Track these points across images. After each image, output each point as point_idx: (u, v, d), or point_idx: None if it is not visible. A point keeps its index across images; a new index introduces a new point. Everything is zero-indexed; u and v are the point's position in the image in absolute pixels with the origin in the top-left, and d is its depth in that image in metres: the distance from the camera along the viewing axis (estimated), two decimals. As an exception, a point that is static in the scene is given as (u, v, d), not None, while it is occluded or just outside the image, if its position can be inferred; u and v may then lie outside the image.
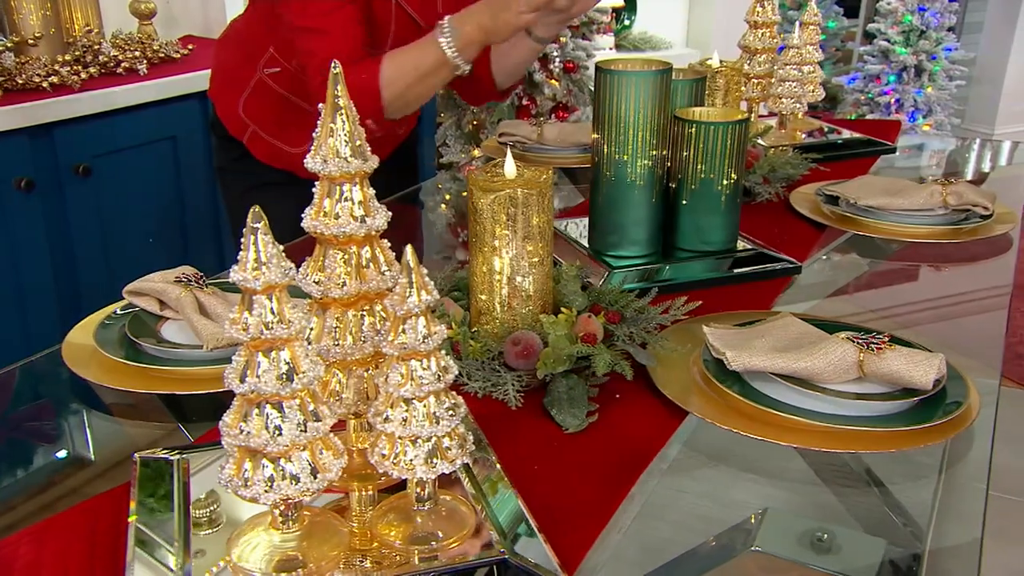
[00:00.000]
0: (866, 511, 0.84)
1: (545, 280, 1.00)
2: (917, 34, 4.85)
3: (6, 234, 1.98)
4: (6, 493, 0.84)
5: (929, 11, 4.86)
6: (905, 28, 4.85)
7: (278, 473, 0.63)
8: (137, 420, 0.99)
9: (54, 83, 2.08)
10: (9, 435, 0.97)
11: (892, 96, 4.90)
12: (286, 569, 0.66)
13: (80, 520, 0.74)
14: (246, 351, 0.62)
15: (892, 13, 4.91)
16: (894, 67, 4.89)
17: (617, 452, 0.86)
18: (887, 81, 4.92)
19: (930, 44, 4.84)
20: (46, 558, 0.68)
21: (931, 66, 4.87)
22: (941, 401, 0.92)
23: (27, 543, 0.70)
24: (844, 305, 1.26)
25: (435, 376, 0.66)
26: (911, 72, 4.86)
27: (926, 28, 4.85)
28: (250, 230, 0.60)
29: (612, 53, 4.17)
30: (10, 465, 0.90)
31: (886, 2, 4.94)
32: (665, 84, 1.20)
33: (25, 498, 0.83)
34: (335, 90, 0.69)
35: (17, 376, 1.06)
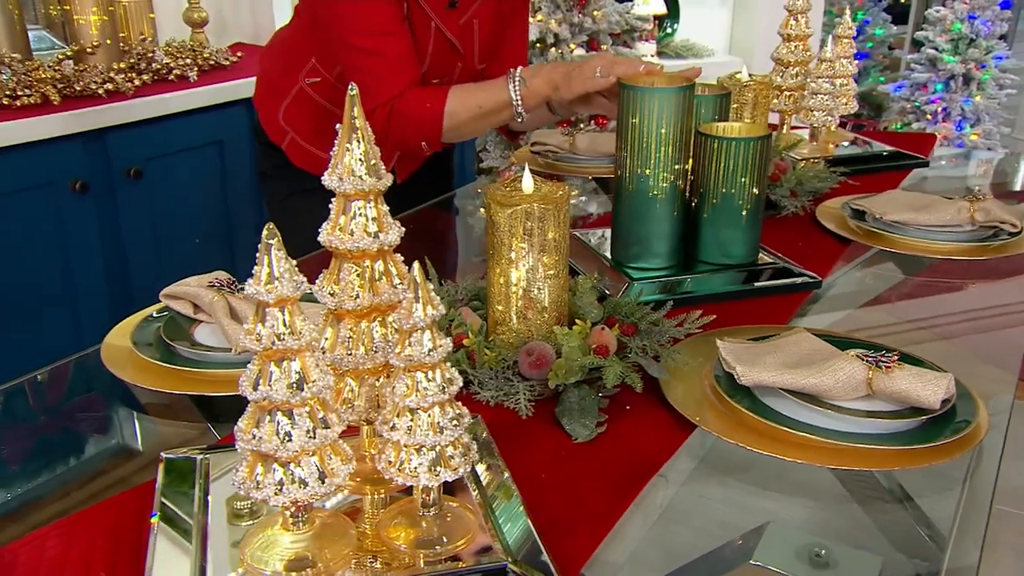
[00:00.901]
0: (892, 524, 0.85)
1: (560, 292, 1.01)
2: (966, 42, 4.76)
3: (61, 234, 2.05)
4: (41, 488, 0.88)
5: (980, 19, 4.76)
6: (954, 36, 4.76)
7: (287, 477, 0.65)
8: (170, 420, 1.02)
9: (109, 90, 2.15)
10: (48, 431, 1.01)
11: (939, 105, 4.82)
12: (296, 568, 0.69)
13: (106, 516, 0.77)
14: (259, 360, 0.65)
15: (941, 21, 4.82)
16: (941, 75, 4.80)
17: (623, 463, 0.87)
18: (934, 90, 4.84)
19: (980, 52, 4.75)
20: (72, 553, 0.72)
21: (980, 75, 4.78)
22: (950, 420, 0.92)
23: (54, 537, 0.74)
24: (865, 320, 1.25)
25: (440, 388, 0.68)
26: (959, 81, 4.77)
27: (976, 36, 4.75)
28: (264, 246, 0.63)
29: (655, 60, 4.16)
30: (46, 460, 0.95)
31: (935, 10, 4.85)
32: (687, 100, 1.20)
33: (61, 493, 0.87)
34: (352, 111, 0.71)
35: (58, 375, 1.10)
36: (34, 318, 2.01)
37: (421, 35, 1.50)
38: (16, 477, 0.91)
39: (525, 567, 0.70)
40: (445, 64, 1.56)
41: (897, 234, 1.43)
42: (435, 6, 1.48)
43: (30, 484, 0.89)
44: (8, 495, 0.86)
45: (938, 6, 4.87)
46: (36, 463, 0.94)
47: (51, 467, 0.93)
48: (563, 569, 0.72)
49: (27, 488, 0.88)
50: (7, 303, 1.96)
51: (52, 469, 0.93)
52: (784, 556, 0.76)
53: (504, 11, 1.60)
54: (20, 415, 1.05)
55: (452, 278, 1.17)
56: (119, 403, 1.04)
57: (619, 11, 3.49)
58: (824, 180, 1.59)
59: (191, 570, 0.69)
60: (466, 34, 1.55)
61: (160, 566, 0.69)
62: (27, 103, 2.02)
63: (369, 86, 1.42)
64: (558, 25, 3.36)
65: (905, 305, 1.31)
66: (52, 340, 2.02)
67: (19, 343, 1.96)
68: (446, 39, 1.52)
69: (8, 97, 2.01)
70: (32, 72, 2.08)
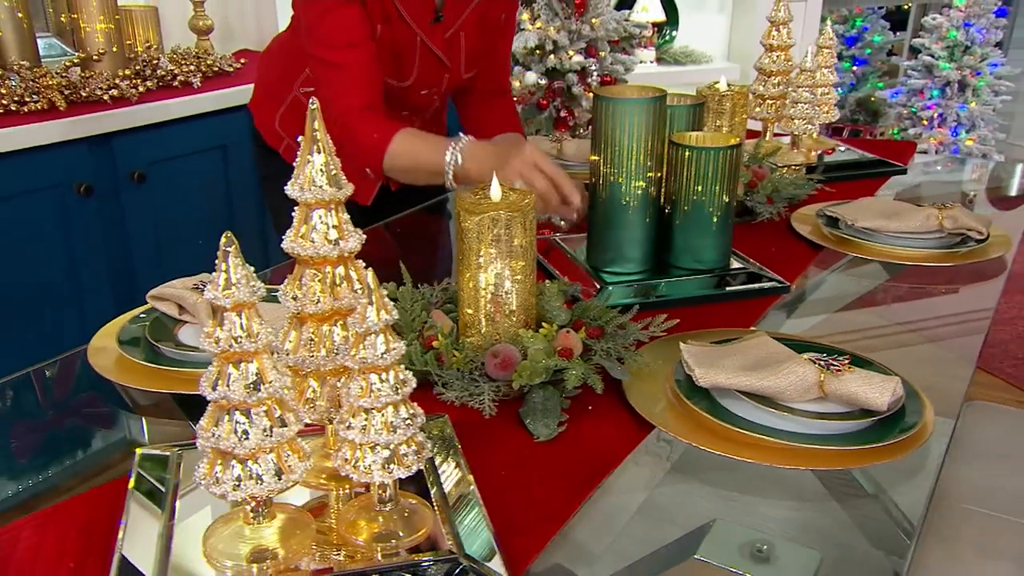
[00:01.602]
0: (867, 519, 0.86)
1: (528, 296, 1.03)
2: (962, 49, 4.75)
3: (66, 235, 2.08)
4: (26, 481, 0.91)
5: (975, 27, 4.76)
6: (950, 43, 4.76)
7: (245, 473, 0.68)
8: (155, 417, 1.05)
9: (114, 96, 2.18)
10: (36, 428, 1.04)
11: (935, 111, 4.81)
12: (257, 560, 0.71)
13: (81, 510, 0.80)
14: (218, 362, 0.67)
15: (937, 28, 4.82)
16: (937, 82, 4.80)
17: (581, 462, 0.89)
18: (930, 96, 4.84)
19: (975, 60, 4.74)
20: (45, 545, 0.74)
21: (975, 81, 4.77)
22: (898, 421, 0.93)
23: (29, 529, 0.76)
24: (835, 325, 1.27)
25: (393, 388, 0.70)
26: (954, 87, 4.76)
27: (971, 43, 4.75)
28: (222, 253, 0.65)
29: (654, 67, 4.18)
30: (31, 456, 0.97)
31: (931, 17, 4.85)
32: (659, 111, 1.22)
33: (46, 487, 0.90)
34: (313, 124, 0.74)
35: (49, 373, 1.13)
36: (40, 317, 2.04)
37: (406, 50, 1.50)
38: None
39: (474, 561, 0.72)
40: (432, 76, 1.56)
41: (869, 241, 1.44)
42: (419, 21, 1.48)
43: (12, 479, 0.92)
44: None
45: (935, 14, 4.87)
46: (20, 459, 0.96)
47: (35, 463, 0.96)
48: (513, 563, 0.74)
49: (9, 482, 0.91)
50: (14, 302, 1.99)
51: (36, 464, 0.95)
52: (727, 552, 0.78)
53: (490, 20, 1.59)
54: (7, 412, 1.07)
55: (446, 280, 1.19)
56: (106, 401, 1.07)
57: (617, 18, 3.50)
58: (800, 187, 1.60)
59: (154, 561, 0.71)
60: (452, 47, 1.55)
61: (128, 556, 0.72)
62: (34, 109, 2.05)
63: (327, 98, 1.41)
64: (556, 32, 3.37)
65: (874, 310, 1.33)
66: (58, 338, 2.05)
67: (25, 341, 1.99)
68: (432, 53, 1.52)
69: (16, 103, 2.05)
70: (40, 79, 2.11)
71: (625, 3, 4.20)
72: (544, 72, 3.42)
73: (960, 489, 1.43)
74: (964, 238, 1.42)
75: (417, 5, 1.46)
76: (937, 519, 1.36)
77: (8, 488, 0.89)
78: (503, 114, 1.71)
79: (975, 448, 1.57)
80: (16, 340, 1.99)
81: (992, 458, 1.53)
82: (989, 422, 1.65)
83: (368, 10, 1.41)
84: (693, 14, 4.34)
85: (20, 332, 2.00)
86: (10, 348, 1.97)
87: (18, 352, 1.97)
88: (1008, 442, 1.55)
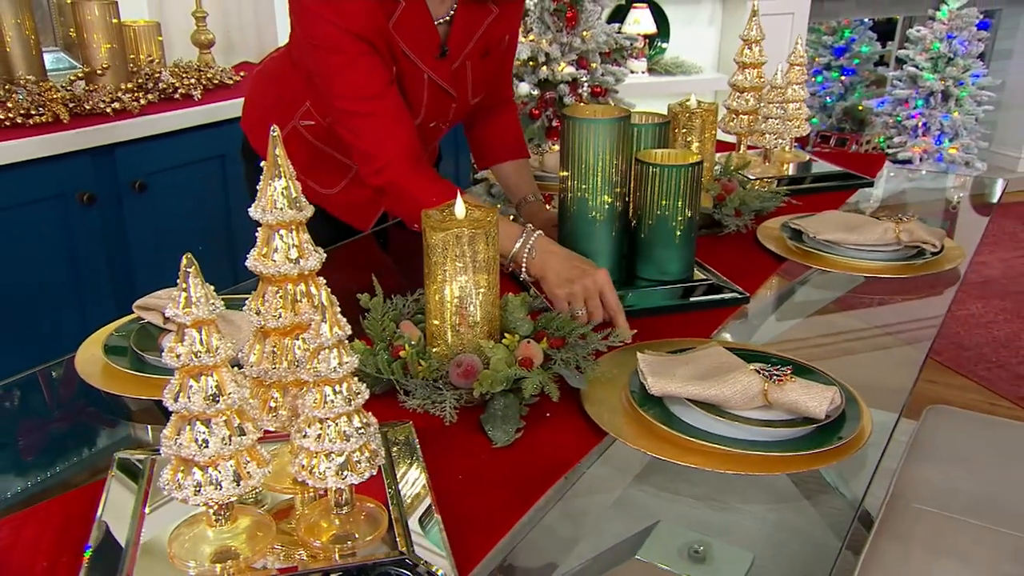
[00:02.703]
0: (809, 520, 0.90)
1: (491, 308, 1.06)
2: (945, 61, 4.77)
3: (70, 243, 2.11)
4: (19, 483, 0.93)
5: (958, 39, 4.77)
6: (933, 55, 4.77)
7: (205, 479, 0.70)
8: (140, 423, 1.07)
9: (116, 108, 2.21)
10: (25, 433, 1.07)
11: (919, 120, 4.83)
12: (219, 560, 0.74)
13: (58, 511, 0.82)
14: (180, 375, 0.70)
15: (921, 40, 4.83)
16: (921, 92, 4.81)
17: (534, 467, 0.92)
18: (915, 105, 4.85)
19: (958, 71, 4.76)
20: (20, 543, 0.77)
21: (958, 92, 4.79)
22: (837, 428, 0.95)
23: (5, 529, 0.79)
24: (789, 334, 1.29)
25: (346, 400, 0.73)
26: (938, 97, 4.78)
27: (954, 55, 4.76)
28: (183, 274, 0.68)
29: (645, 77, 4.21)
30: (18, 460, 1.00)
31: (916, 30, 4.87)
32: (624, 130, 1.25)
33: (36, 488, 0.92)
34: (275, 151, 0.76)
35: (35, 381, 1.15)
36: (43, 322, 2.08)
37: (414, 87, 1.44)
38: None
39: (423, 561, 0.75)
40: (440, 109, 1.51)
41: (830, 253, 1.46)
42: (425, 58, 1.42)
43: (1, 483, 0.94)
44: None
45: (919, 26, 4.88)
46: (6, 463, 0.99)
47: (21, 466, 0.99)
48: (462, 564, 0.76)
49: None
50: (18, 307, 2.02)
51: (22, 468, 0.98)
52: (666, 552, 0.81)
53: (494, 44, 1.53)
54: (4, 417, 1.10)
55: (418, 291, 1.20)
56: (94, 407, 1.10)
57: (607, 31, 3.52)
58: (767, 200, 1.62)
59: (123, 561, 0.74)
60: (459, 78, 1.50)
61: (97, 555, 0.74)
62: (39, 121, 2.08)
63: (366, 151, 1.37)
64: (548, 45, 3.40)
65: (831, 319, 1.35)
66: (60, 343, 2.08)
67: (29, 346, 2.02)
68: (439, 87, 1.47)
69: (22, 116, 2.08)
70: (45, 92, 2.14)
71: (617, 15, 4.22)
72: (537, 83, 3.44)
73: (917, 490, 1.46)
74: (920, 250, 1.44)
75: (422, 42, 1.40)
76: (892, 518, 1.38)
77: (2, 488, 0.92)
78: (505, 125, 1.69)
79: (936, 451, 1.59)
80: (20, 343, 2.02)
81: (951, 461, 1.55)
82: (951, 426, 1.67)
83: (380, 55, 1.36)
84: (684, 26, 4.37)
85: (24, 336, 2.03)
86: (14, 350, 2.01)
87: (22, 355, 2.00)
88: (968, 446, 1.57)
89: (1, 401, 1.11)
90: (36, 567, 0.75)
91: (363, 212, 1.66)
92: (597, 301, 1.20)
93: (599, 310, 1.20)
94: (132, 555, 0.74)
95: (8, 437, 1.05)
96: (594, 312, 1.20)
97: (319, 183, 1.64)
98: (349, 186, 1.63)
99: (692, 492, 0.92)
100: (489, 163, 1.68)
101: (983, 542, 1.33)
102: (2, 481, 0.94)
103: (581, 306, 1.20)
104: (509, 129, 1.69)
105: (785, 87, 1.83)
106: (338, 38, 1.30)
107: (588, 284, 1.20)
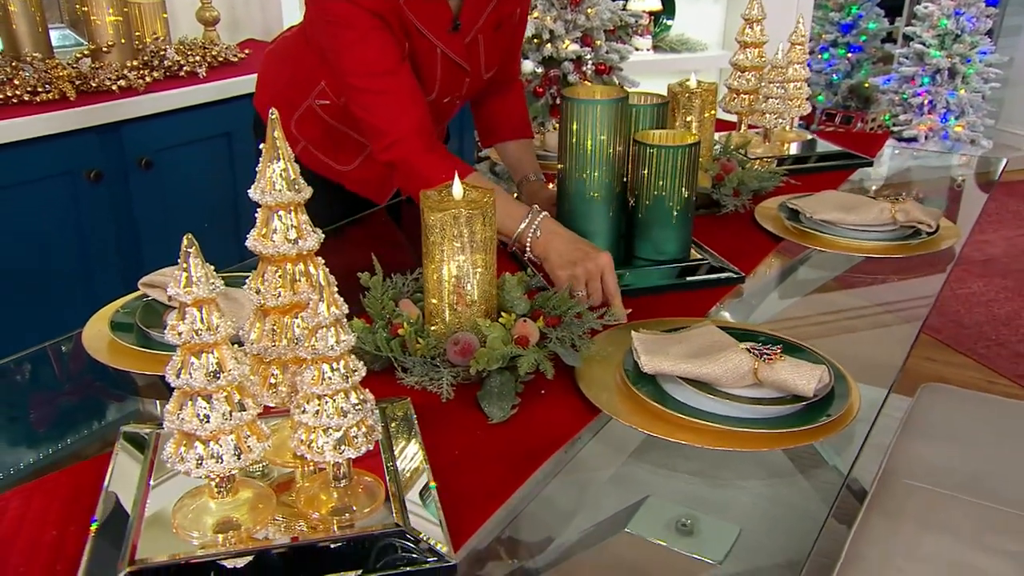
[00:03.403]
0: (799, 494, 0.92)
1: (488, 287, 1.07)
2: (952, 38, 4.73)
3: (78, 220, 2.13)
4: (31, 454, 0.96)
5: (965, 15, 4.73)
6: (940, 32, 4.73)
7: (206, 453, 0.72)
8: (150, 398, 1.09)
9: (122, 86, 2.21)
10: (39, 405, 1.09)
11: (925, 98, 4.80)
12: (221, 531, 0.76)
13: (66, 482, 0.85)
14: (181, 353, 0.71)
15: (928, 17, 4.79)
16: (928, 70, 4.78)
17: (528, 443, 0.94)
18: (921, 83, 4.82)
19: (965, 48, 4.72)
20: (30, 513, 0.79)
21: (965, 69, 4.75)
22: (826, 406, 0.97)
23: (17, 499, 0.81)
24: (785, 312, 1.30)
25: (343, 377, 0.75)
26: (944, 74, 4.74)
27: (961, 32, 4.72)
28: (184, 254, 0.70)
29: (650, 54, 4.19)
30: (28, 428, 1.02)
31: (923, 6, 4.83)
32: (622, 111, 1.25)
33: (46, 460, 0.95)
34: (273, 133, 0.78)
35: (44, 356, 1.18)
36: (51, 297, 2.10)
37: (427, 62, 1.45)
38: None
39: (418, 532, 0.77)
40: (454, 84, 1.51)
41: (827, 233, 1.47)
42: (438, 32, 1.42)
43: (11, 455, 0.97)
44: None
45: (927, 2, 4.84)
46: (18, 435, 1.02)
47: (32, 438, 1.01)
48: (456, 536, 0.78)
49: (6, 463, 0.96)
50: (27, 283, 2.05)
51: (33, 440, 1.01)
52: (655, 526, 0.83)
53: (505, 18, 1.52)
54: (13, 391, 1.13)
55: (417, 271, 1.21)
56: (101, 382, 1.12)
57: (612, 8, 3.51)
58: (765, 180, 1.63)
59: (128, 531, 0.76)
60: (472, 52, 1.50)
61: (104, 526, 0.77)
62: (46, 99, 2.09)
63: (377, 127, 1.37)
64: (553, 22, 3.39)
65: (827, 298, 1.36)
66: (68, 317, 2.10)
67: (37, 320, 2.05)
68: (452, 61, 1.47)
69: (29, 93, 2.09)
70: (51, 70, 2.15)
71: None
72: (541, 61, 3.43)
73: (910, 466, 1.47)
74: (916, 230, 1.44)
75: (434, 17, 1.40)
76: (883, 493, 1.40)
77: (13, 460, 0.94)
78: (512, 104, 1.70)
79: (930, 428, 1.60)
80: (30, 318, 2.04)
81: (944, 438, 1.57)
82: (946, 404, 1.68)
83: (393, 31, 1.36)
84: (689, 3, 4.34)
85: (34, 311, 2.06)
86: (25, 325, 2.03)
87: (33, 329, 2.02)
88: (962, 424, 1.59)
89: (12, 375, 1.13)
90: (45, 536, 0.78)
91: (380, 187, 1.68)
92: (597, 284, 1.21)
93: (598, 292, 1.21)
94: (137, 526, 0.77)
95: (19, 411, 1.07)
96: (593, 294, 1.21)
97: (335, 160, 1.65)
98: (365, 162, 1.64)
99: (688, 467, 0.94)
100: (493, 141, 1.69)
101: (972, 517, 1.35)
102: (14, 452, 0.97)
103: (582, 288, 1.21)
104: (515, 108, 1.70)
105: (786, 67, 1.83)
106: (350, 12, 1.31)
107: (590, 267, 1.21)
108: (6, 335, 2.01)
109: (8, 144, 1.96)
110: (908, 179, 1.93)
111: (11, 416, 1.06)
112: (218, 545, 0.75)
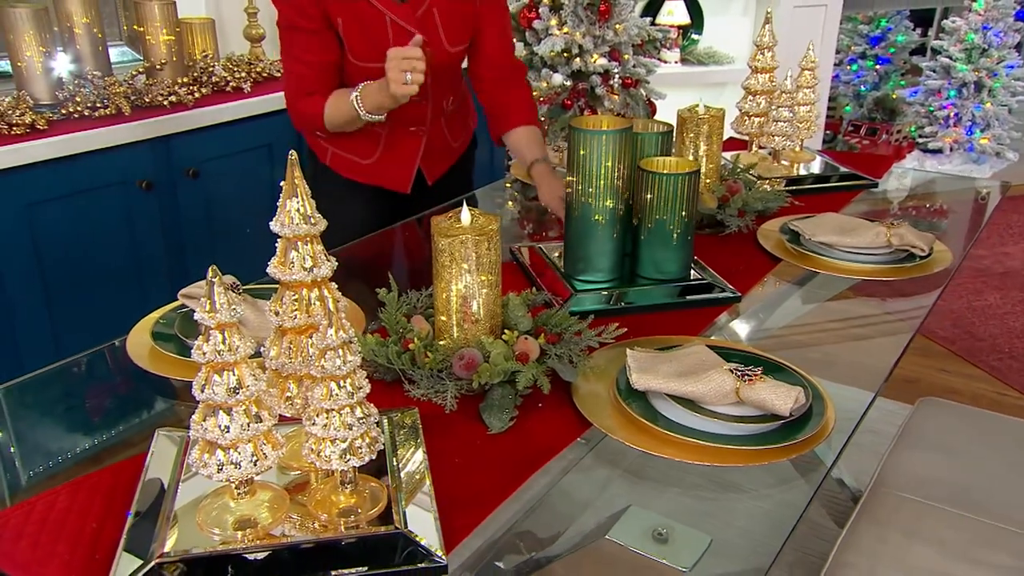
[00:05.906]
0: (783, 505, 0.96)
1: (493, 306, 1.13)
2: (979, 52, 4.68)
3: (130, 226, 2.23)
4: (69, 456, 1.04)
5: (993, 30, 4.67)
6: (967, 46, 4.68)
7: (226, 459, 0.79)
8: (187, 402, 1.16)
9: (173, 101, 2.31)
10: (85, 408, 1.17)
11: (951, 110, 4.75)
12: (240, 528, 0.83)
13: (106, 478, 0.92)
14: (205, 370, 0.78)
15: (956, 31, 4.74)
16: (954, 83, 4.73)
17: (523, 453, 0.99)
18: (947, 96, 4.77)
19: (991, 62, 4.67)
20: (74, 508, 0.87)
21: (991, 82, 4.70)
22: (803, 424, 1.01)
23: (64, 494, 0.89)
24: (778, 332, 1.34)
25: (349, 394, 0.81)
26: (971, 88, 4.69)
27: (988, 46, 4.67)
28: (208, 283, 0.76)
29: (678, 67, 4.20)
30: (77, 433, 1.10)
31: (951, 20, 4.78)
32: (625, 141, 1.30)
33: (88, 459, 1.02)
34: (293, 173, 0.84)
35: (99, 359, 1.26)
36: (105, 297, 2.20)
37: (377, 29, 1.58)
38: (50, 448, 1.07)
39: (414, 534, 0.83)
40: None
41: (824, 255, 1.50)
42: (386, 2, 1.57)
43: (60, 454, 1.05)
44: (49, 462, 1.02)
45: (955, 17, 4.79)
46: (65, 437, 1.10)
47: (79, 439, 1.09)
48: (450, 538, 0.84)
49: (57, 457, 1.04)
50: (83, 283, 2.15)
51: (80, 440, 1.08)
52: (634, 534, 0.88)
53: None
54: (57, 395, 1.21)
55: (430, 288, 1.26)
56: (146, 386, 1.19)
57: (639, 24, 3.53)
58: (770, 201, 1.66)
59: (158, 527, 0.83)
60: (427, 23, 1.61)
61: (138, 520, 0.84)
62: (104, 114, 2.20)
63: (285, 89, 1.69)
64: (582, 37, 3.43)
65: (820, 316, 1.39)
66: (121, 317, 2.20)
67: (92, 319, 2.16)
68: (406, 30, 1.58)
69: (89, 109, 2.19)
70: (109, 87, 2.25)
71: (652, 7, 4.22)
72: (569, 74, 3.48)
73: (902, 477, 1.50)
74: (910, 254, 1.47)
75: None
76: (873, 503, 1.43)
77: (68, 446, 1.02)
78: (516, 95, 1.77)
79: (924, 441, 1.63)
80: (85, 315, 2.15)
81: (937, 451, 1.59)
82: (942, 418, 1.70)
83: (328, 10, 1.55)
84: (717, 16, 4.35)
85: (88, 309, 2.16)
86: (80, 323, 2.14)
87: (89, 330, 2.13)
88: (956, 438, 1.61)
89: (61, 379, 1.21)
90: (87, 528, 0.85)
91: (399, 176, 1.78)
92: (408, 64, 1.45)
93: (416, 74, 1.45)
94: (167, 521, 0.84)
95: (69, 409, 1.15)
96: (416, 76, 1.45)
97: (358, 154, 1.77)
98: (384, 151, 1.75)
99: (663, 479, 0.98)
100: (501, 131, 1.76)
101: (960, 529, 1.37)
102: (70, 439, 1.04)
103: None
104: (519, 98, 1.77)
105: (795, 91, 1.86)
106: (291, 15, 1.56)
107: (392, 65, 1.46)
108: (65, 332, 2.12)
109: (69, 156, 2.06)
110: (913, 198, 1.94)
111: (68, 406, 1.14)
112: (236, 541, 0.81)
